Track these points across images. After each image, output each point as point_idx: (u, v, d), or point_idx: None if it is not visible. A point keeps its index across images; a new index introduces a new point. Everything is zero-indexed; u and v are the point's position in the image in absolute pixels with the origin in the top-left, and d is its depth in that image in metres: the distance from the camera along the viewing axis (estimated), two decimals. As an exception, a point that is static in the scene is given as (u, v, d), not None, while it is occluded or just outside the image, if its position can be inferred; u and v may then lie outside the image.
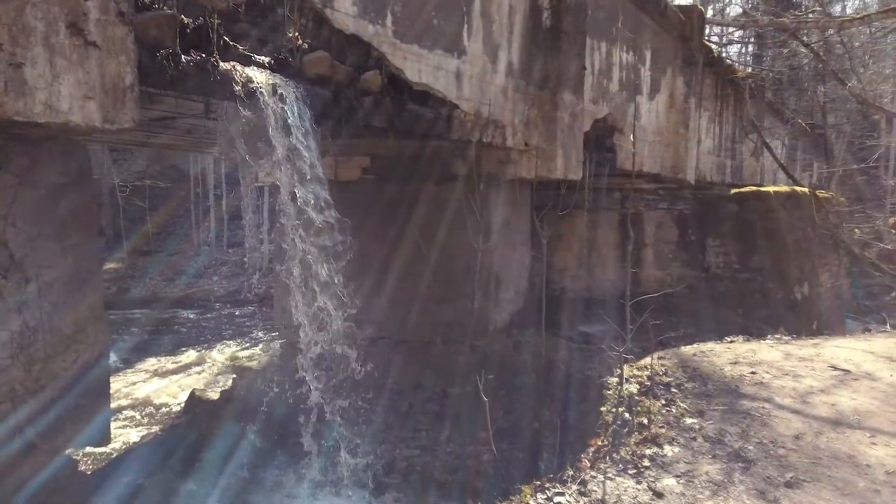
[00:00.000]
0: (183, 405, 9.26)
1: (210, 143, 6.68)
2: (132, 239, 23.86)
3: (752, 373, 5.19)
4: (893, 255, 13.43)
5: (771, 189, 12.39)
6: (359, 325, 5.59)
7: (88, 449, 5.44)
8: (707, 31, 14.93)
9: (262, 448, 6.00)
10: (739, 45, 26.00)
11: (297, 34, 4.91)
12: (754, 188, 12.40)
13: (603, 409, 4.88)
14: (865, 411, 4.39)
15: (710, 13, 22.06)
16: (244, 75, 4.22)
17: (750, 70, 19.00)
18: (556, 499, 3.40)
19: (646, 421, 4.39)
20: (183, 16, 4.00)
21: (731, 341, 6.71)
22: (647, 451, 3.93)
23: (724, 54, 18.88)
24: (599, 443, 4.34)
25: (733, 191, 11.99)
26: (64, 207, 3.62)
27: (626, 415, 4.58)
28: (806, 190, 13.22)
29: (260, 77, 4.32)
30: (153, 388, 11.74)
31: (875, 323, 13.86)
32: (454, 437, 5.77)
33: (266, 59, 4.64)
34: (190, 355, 14.53)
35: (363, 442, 5.45)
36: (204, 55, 4.06)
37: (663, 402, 4.66)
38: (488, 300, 6.93)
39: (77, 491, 3.87)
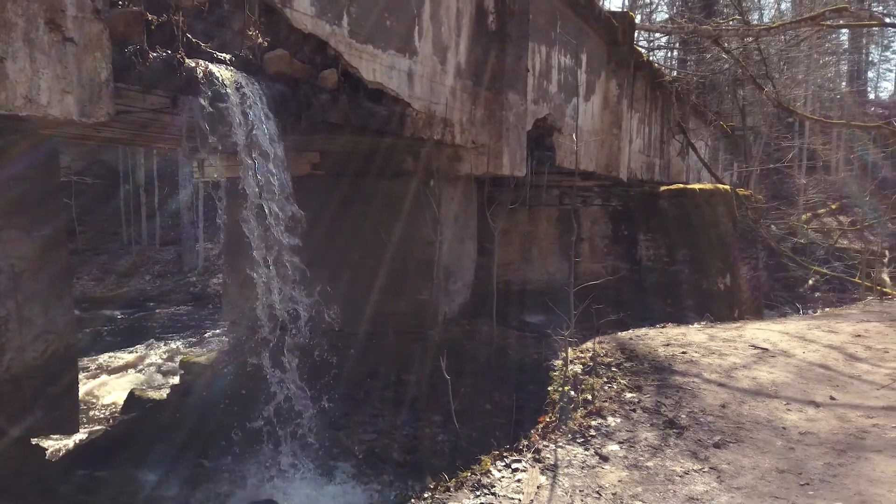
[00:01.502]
0: (122, 404, 9.17)
1: (160, 137, 6.68)
2: (58, 237, 22.90)
3: (683, 353, 5.67)
4: None
5: (696, 187, 13.16)
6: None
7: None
8: (635, 36, 15.69)
9: (219, 438, 6.08)
10: (665, 51, 27.26)
11: (256, 32, 5.06)
12: (681, 186, 13.15)
13: (550, 388, 5.24)
14: (781, 383, 4.91)
15: (637, 19, 23.06)
16: (208, 71, 4.35)
17: (675, 74, 20.03)
18: (514, 465, 3.71)
19: (590, 397, 4.77)
20: (148, 13, 4.10)
21: (663, 327, 7.21)
22: (593, 423, 4.30)
23: (651, 59, 19.80)
24: (548, 419, 4.69)
25: (662, 188, 12.67)
26: (32, 199, 3.66)
27: (572, 392, 4.95)
28: (728, 188, 14.07)
29: (224, 73, 4.46)
30: (88, 388, 11.46)
31: (790, 312, 14.91)
32: (410, 421, 6.03)
33: (227, 56, 4.77)
34: (124, 355, 14.19)
35: (321, 429, 5.64)
36: (169, 51, 4.18)
37: (605, 379, 5.06)
38: (439, 292, 7.22)
39: (43, 478, 3.90)
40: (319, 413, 5.72)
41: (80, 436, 7.78)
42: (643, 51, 17.02)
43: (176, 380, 10.05)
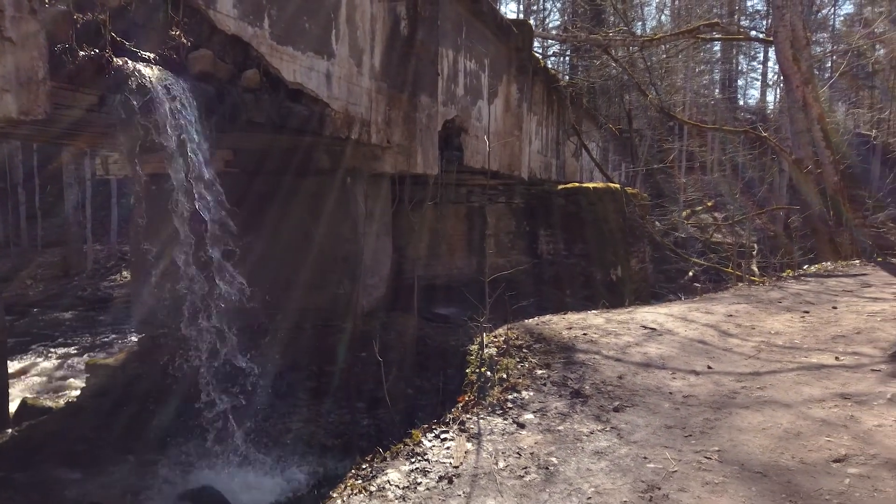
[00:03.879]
0: (14, 413, 8.77)
1: (81, 135, 6.53)
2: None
3: (584, 334, 6.28)
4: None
5: (590, 186, 14.14)
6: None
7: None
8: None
9: (140, 435, 6.06)
10: (557, 57, 28.65)
11: (180, 32, 5.14)
12: (576, 185, 14.09)
13: (468, 370, 5.68)
14: (668, 356, 5.59)
15: (532, 24, 24.11)
16: (138, 70, 4.43)
17: (568, 79, 21.21)
18: (443, 435, 4.10)
19: (505, 375, 5.24)
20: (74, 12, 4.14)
21: (565, 313, 7.85)
22: (509, 397, 4.77)
23: (547, 64, 20.83)
24: (468, 396, 5.13)
25: (560, 187, 13.55)
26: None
27: (489, 373, 5.41)
28: (618, 186, 15.17)
29: (152, 73, 4.55)
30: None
31: (673, 299, 16.20)
32: (334, 409, 6.27)
33: (152, 55, 4.84)
34: (10, 363, 13.37)
35: (247, 418, 5.78)
36: (96, 50, 4.23)
37: (518, 360, 5.56)
38: (357, 286, 7.48)
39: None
40: (244, 404, 5.86)
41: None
42: (538, 56, 17.94)
43: (78, 382, 9.73)
